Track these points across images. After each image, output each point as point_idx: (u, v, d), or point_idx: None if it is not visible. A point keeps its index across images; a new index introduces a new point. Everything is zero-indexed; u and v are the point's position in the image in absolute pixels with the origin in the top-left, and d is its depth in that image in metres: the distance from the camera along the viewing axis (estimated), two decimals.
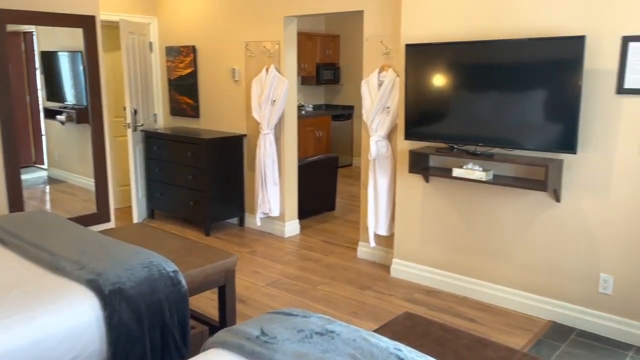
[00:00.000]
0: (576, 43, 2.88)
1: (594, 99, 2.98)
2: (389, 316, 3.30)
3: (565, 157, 3.11)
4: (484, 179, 3.27)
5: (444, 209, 3.69)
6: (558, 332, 3.13)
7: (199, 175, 4.92)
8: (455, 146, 3.50)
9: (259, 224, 4.92)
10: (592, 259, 3.10)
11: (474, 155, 3.36)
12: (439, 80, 3.47)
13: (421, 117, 3.60)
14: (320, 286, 3.85)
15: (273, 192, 4.80)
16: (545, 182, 3.02)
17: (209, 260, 2.73)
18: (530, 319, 3.30)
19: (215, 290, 2.87)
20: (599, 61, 2.93)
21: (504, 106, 3.23)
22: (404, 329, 2.02)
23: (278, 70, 4.70)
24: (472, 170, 3.32)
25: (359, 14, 4.16)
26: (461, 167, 3.39)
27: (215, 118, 5.39)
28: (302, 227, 5.14)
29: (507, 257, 3.43)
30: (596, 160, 3.02)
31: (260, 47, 4.84)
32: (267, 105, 4.69)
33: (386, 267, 4.11)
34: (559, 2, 3.02)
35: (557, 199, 3.17)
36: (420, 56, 3.53)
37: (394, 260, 4.01)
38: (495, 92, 3.27)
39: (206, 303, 3.46)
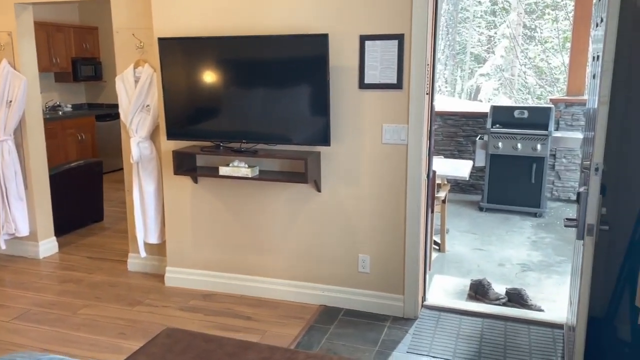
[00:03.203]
0: (321, 41, 3.03)
1: (342, 93, 3.19)
2: (159, 330, 3.07)
3: (322, 149, 3.28)
4: (249, 176, 3.26)
5: (215, 209, 3.59)
6: (328, 315, 3.30)
7: None
8: (222, 144, 3.41)
9: (3, 247, 4.14)
10: (351, 242, 3.34)
11: (239, 153, 3.32)
12: (197, 76, 3.33)
13: (183, 115, 3.42)
14: (83, 310, 3.40)
15: (18, 208, 4.09)
16: (305, 174, 3.13)
17: None
18: (304, 307, 3.42)
19: None
20: (343, 58, 3.15)
21: (263, 102, 3.26)
22: (162, 349, 1.85)
23: (12, 65, 4.00)
24: (238, 168, 3.28)
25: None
26: (227, 165, 3.32)
27: None
28: (62, 245, 4.51)
29: (278, 250, 3.50)
30: (348, 151, 3.25)
31: None
32: (2, 107, 3.96)
33: (161, 277, 3.85)
34: (306, 2, 3.14)
35: (318, 189, 3.33)
36: (175, 51, 3.34)
37: (168, 268, 3.77)
38: (254, 88, 3.27)
39: None
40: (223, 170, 3.30)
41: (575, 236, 2.29)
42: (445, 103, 10.35)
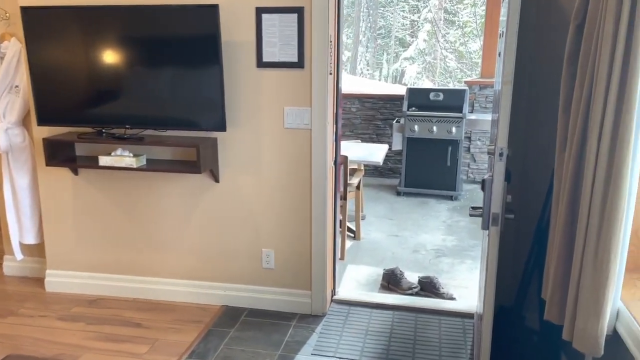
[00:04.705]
0: (211, 12, 2.69)
1: (238, 73, 2.88)
2: (30, 345, 2.66)
3: (218, 135, 2.96)
4: (134, 166, 2.88)
5: (100, 203, 3.18)
6: (229, 317, 3.02)
7: None
8: (104, 130, 3.00)
9: None
10: (254, 236, 3.07)
11: (123, 140, 2.93)
12: (70, 51, 2.88)
13: (56, 97, 2.96)
14: None
15: None
16: (198, 163, 2.80)
17: None
18: (203, 309, 3.11)
19: None
20: (238, 33, 2.83)
21: (150, 83, 2.88)
22: None
23: None
24: (122, 157, 2.89)
25: None
26: (109, 154, 2.92)
27: None
28: None
29: (174, 247, 3.16)
30: (247, 136, 2.95)
31: None
32: None
33: (41, 282, 3.39)
34: None
35: (216, 179, 3.02)
36: (43, 22, 2.87)
37: (48, 272, 3.33)
38: (138, 66, 2.87)
39: None
40: (103, 161, 2.90)
41: (481, 225, 2.15)
42: (366, 86, 10.26)
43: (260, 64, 2.85)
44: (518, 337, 2.73)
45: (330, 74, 2.86)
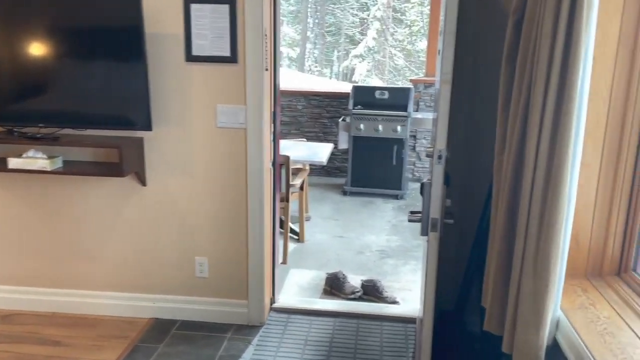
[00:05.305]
0: (132, 1, 2.46)
1: (166, 68, 2.66)
2: None
3: (144, 134, 2.73)
4: (49, 169, 2.61)
5: (14, 210, 2.89)
6: (159, 330, 2.81)
7: None
8: (15, 130, 2.71)
9: None
10: (187, 243, 2.86)
11: (36, 140, 2.65)
12: None
13: None
14: None
15: None
16: (120, 165, 2.57)
17: None
18: (130, 322, 2.88)
19: None
20: (164, 24, 2.61)
21: (67, 76, 2.62)
22: None
23: None
24: (34, 159, 2.61)
25: None
26: (20, 155, 2.64)
27: None
28: None
29: (98, 256, 2.91)
30: (177, 136, 2.74)
31: None
32: None
33: None
34: None
35: (143, 182, 2.79)
36: None
37: None
38: (55, 59, 2.60)
39: None
40: (13, 163, 2.61)
41: (420, 232, 2.04)
42: (314, 83, 10.14)
43: (190, 57, 2.65)
44: (460, 343, 2.66)
45: (267, 69, 2.69)
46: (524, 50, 1.63)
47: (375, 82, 16.54)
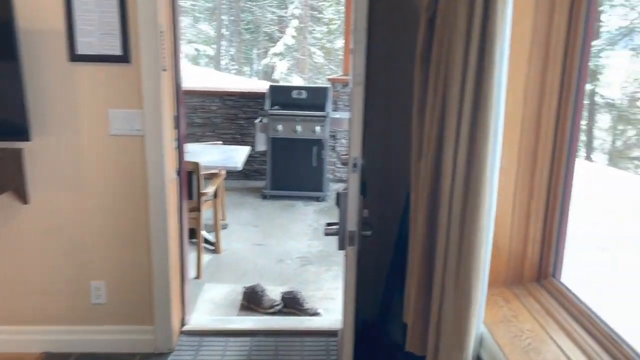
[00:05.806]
0: None
1: (45, 69, 2.32)
2: None
3: (24, 145, 2.37)
4: None
5: None
6: None
7: None
8: None
9: None
10: (80, 267, 2.53)
11: None
12: None
13: None
14: None
15: None
16: None
17: None
18: (18, 359, 2.51)
19: None
20: (40, 19, 2.27)
21: None
22: None
23: None
24: None
25: None
26: None
27: None
28: None
29: None
30: (63, 146, 2.41)
31: None
32: None
33: None
34: None
35: (25, 200, 2.43)
36: None
37: None
38: None
39: None
40: None
41: (337, 246, 1.89)
42: (230, 82, 9.82)
43: (74, 57, 2.32)
44: (382, 353, 2.55)
45: (165, 69, 2.43)
46: (437, 51, 1.51)
47: (296, 80, 16.43)
